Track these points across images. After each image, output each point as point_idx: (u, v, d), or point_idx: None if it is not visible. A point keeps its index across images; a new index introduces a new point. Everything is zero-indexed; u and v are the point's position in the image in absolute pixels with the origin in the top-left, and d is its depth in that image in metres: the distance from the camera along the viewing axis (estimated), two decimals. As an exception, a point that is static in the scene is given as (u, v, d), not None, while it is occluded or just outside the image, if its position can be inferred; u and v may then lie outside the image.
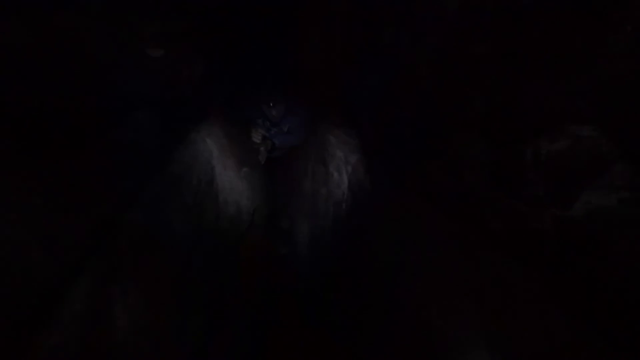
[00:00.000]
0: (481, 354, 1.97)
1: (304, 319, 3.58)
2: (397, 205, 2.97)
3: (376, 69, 3.57)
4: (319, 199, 4.01)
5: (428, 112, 2.75)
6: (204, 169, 3.28)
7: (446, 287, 2.33)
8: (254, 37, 4.14)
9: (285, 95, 4.32)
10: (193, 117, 3.35)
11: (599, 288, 1.70)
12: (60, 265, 1.71)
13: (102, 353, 1.76)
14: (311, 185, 4.19)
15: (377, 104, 3.51)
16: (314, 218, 4.07)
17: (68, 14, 2.48)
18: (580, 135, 1.79)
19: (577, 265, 1.78)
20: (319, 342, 3.24)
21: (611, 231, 1.71)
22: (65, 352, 1.57)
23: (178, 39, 2.98)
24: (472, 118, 2.33)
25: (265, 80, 4.41)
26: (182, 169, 2.97)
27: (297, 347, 3.19)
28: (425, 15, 2.70)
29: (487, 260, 2.12)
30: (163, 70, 2.90)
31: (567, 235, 1.82)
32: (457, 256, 2.30)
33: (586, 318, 1.69)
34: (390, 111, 3.23)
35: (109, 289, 1.92)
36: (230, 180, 3.79)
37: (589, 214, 1.76)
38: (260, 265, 3.82)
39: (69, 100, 2.25)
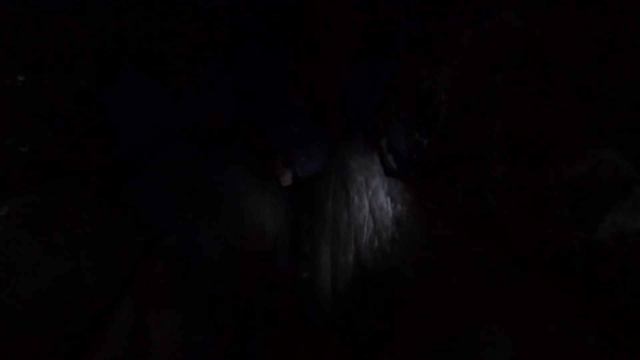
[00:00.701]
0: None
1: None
2: (420, 228, 3.00)
3: (394, 94, 3.70)
4: (340, 223, 4.06)
5: (448, 136, 2.83)
6: (230, 195, 3.43)
7: (473, 309, 2.33)
8: (275, 70, 4.38)
9: (305, 122, 4.50)
10: (220, 146, 3.53)
11: (629, 309, 1.69)
12: (107, 290, 1.83)
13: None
14: (332, 209, 4.26)
15: (397, 129, 3.62)
16: (336, 242, 4.11)
17: (108, 59, 2.72)
18: (601, 159, 1.82)
19: (605, 286, 1.77)
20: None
21: (638, 252, 1.71)
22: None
23: (210, 78, 3.21)
24: (492, 142, 2.40)
25: (287, 109, 4.62)
26: (211, 196, 3.13)
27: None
28: (441, 46, 2.85)
29: (514, 282, 2.13)
30: (197, 108, 3.12)
31: (594, 256, 1.82)
32: (482, 278, 2.31)
33: (617, 339, 1.67)
34: (410, 136, 3.32)
35: (147, 314, 2.03)
36: (255, 206, 3.92)
37: (615, 236, 1.77)
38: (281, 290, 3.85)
39: (111, 139, 2.45)
